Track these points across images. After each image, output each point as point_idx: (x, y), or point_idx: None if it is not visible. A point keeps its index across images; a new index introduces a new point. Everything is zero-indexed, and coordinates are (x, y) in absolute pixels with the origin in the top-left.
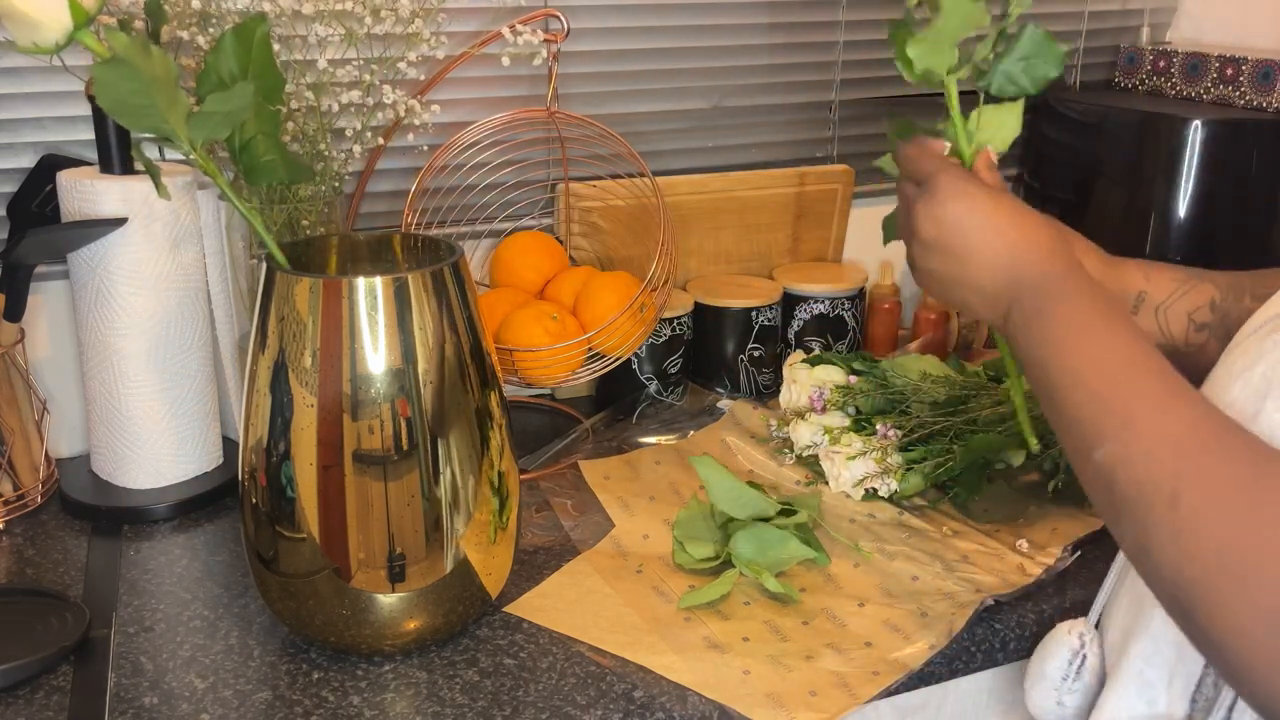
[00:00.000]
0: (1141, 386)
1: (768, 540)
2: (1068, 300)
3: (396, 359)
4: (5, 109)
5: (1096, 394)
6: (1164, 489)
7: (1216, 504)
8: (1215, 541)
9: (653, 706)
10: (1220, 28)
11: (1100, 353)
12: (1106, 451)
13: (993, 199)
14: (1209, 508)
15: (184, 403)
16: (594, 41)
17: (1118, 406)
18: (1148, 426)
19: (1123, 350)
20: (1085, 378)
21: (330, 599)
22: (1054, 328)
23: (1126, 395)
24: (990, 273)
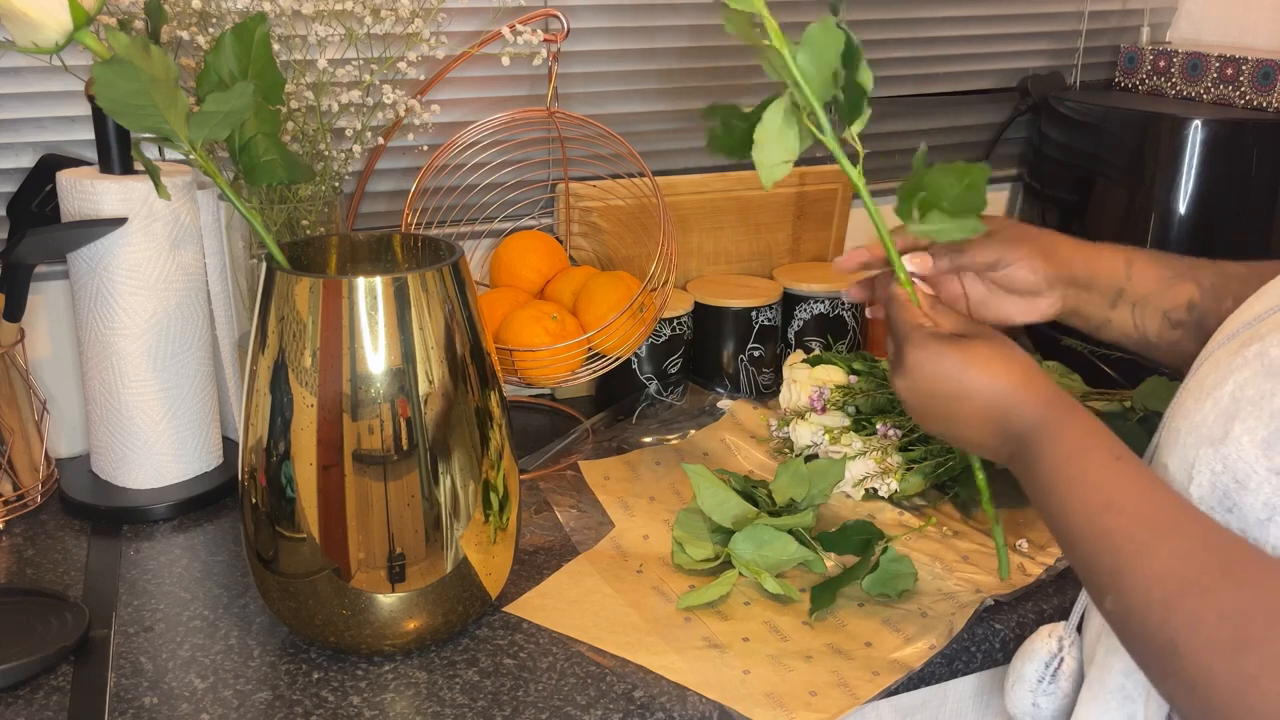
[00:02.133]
0: (1122, 531)
1: (767, 541)
2: (1056, 444)
3: (396, 359)
4: (5, 109)
5: (1086, 543)
6: (1162, 643)
7: (1214, 657)
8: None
9: (653, 706)
10: (1220, 28)
11: (1088, 495)
12: (1110, 602)
13: (964, 356)
14: (1208, 662)
15: (184, 403)
16: (594, 41)
17: (1107, 556)
18: (1136, 576)
19: (1098, 492)
20: (1073, 528)
21: (330, 599)
22: (1045, 474)
23: (1111, 542)
24: (980, 432)
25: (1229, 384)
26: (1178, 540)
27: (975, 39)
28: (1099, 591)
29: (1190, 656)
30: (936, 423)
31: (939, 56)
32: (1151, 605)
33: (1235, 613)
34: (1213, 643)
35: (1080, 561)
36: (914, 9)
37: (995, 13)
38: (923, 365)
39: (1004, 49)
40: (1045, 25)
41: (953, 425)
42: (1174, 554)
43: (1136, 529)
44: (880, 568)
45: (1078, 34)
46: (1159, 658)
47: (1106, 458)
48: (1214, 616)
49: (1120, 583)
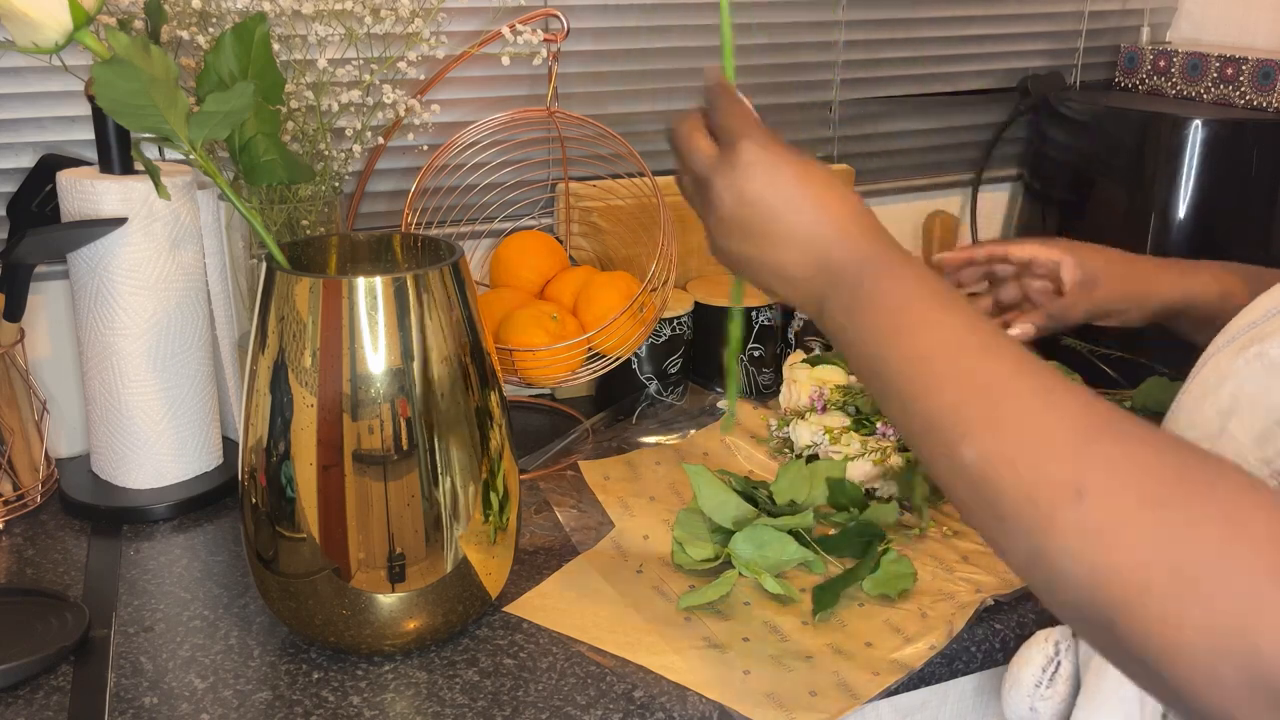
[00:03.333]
0: (1007, 372)
1: (767, 541)
2: (895, 282)
3: (396, 359)
4: (5, 109)
5: (952, 383)
6: (1063, 483)
7: (1135, 501)
8: (1139, 545)
9: (653, 707)
10: (1220, 28)
11: (947, 336)
12: (979, 448)
13: (801, 171)
14: (1127, 505)
15: (184, 403)
16: (594, 41)
17: (985, 396)
18: (1030, 416)
19: (974, 330)
20: (935, 366)
21: (330, 599)
22: (884, 315)
23: (993, 382)
24: (797, 256)
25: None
26: (1083, 391)
27: (975, 39)
28: (956, 439)
29: (1104, 502)
30: (748, 239)
31: (939, 56)
32: (1056, 449)
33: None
34: (1135, 484)
35: (931, 403)
36: (914, 9)
37: (995, 13)
38: (759, 166)
39: (1004, 49)
40: (1045, 25)
41: (766, 245)
42: (1077, 398)
43: (1031, 369)
44: (880, 568)
45: (1078, 34)
46: (1051, 506)
47: (974, 306)
48: (1132, 460)
49: (1003, 425)
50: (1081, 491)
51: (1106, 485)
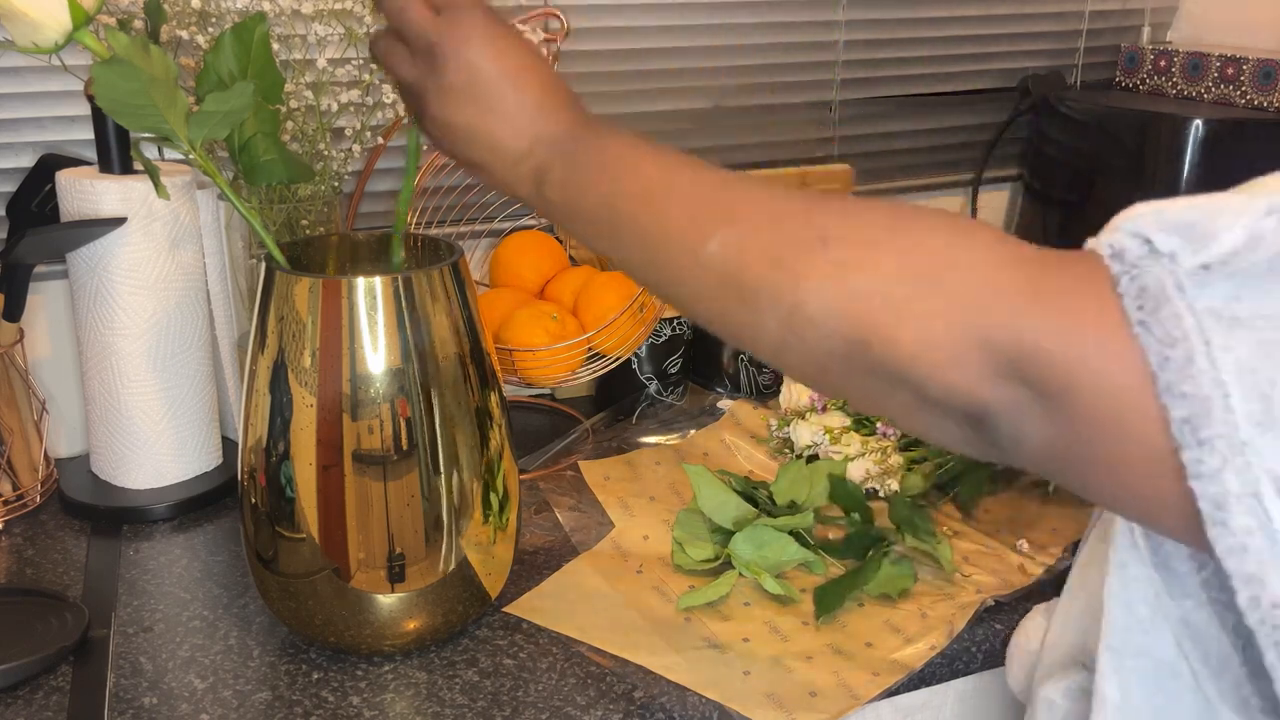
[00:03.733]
0: (730, 178)
1: (767, 541)
2: (610, 137)
3: (396, 359)
4: (5, 108)
5: (684, 197)
6: (806, 238)
7: (874, 233)
8: (886, 265)
9: (653, 707)
10: (1221, 27)
11: (667, 163)
12: (722, 238)
13: (522, 46)
14: (867, 238)
15: (183, 403)
16: (594, 41)
17: (717, 198)
18: (762, 201)
19: (686, 159)
20: (663, 189)
21: (330, 599)
22: (609, 164)
23: (721, 187)
24: (519, 126)
25: None
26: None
27: (975, 39)
28: (696, 241)
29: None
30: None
31: (939, 56)
32: (792, 214)
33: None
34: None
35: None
36: (914, 9)
37: (995, 12)
38: (488, 35)
39: (1004, 49)
40: (1046, 25)
41: (488, 115)
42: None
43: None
44: (880, 569)
45: (1078, 33)
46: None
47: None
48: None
49: (739, 215)
50: (825, 238)
51: (845, 227)
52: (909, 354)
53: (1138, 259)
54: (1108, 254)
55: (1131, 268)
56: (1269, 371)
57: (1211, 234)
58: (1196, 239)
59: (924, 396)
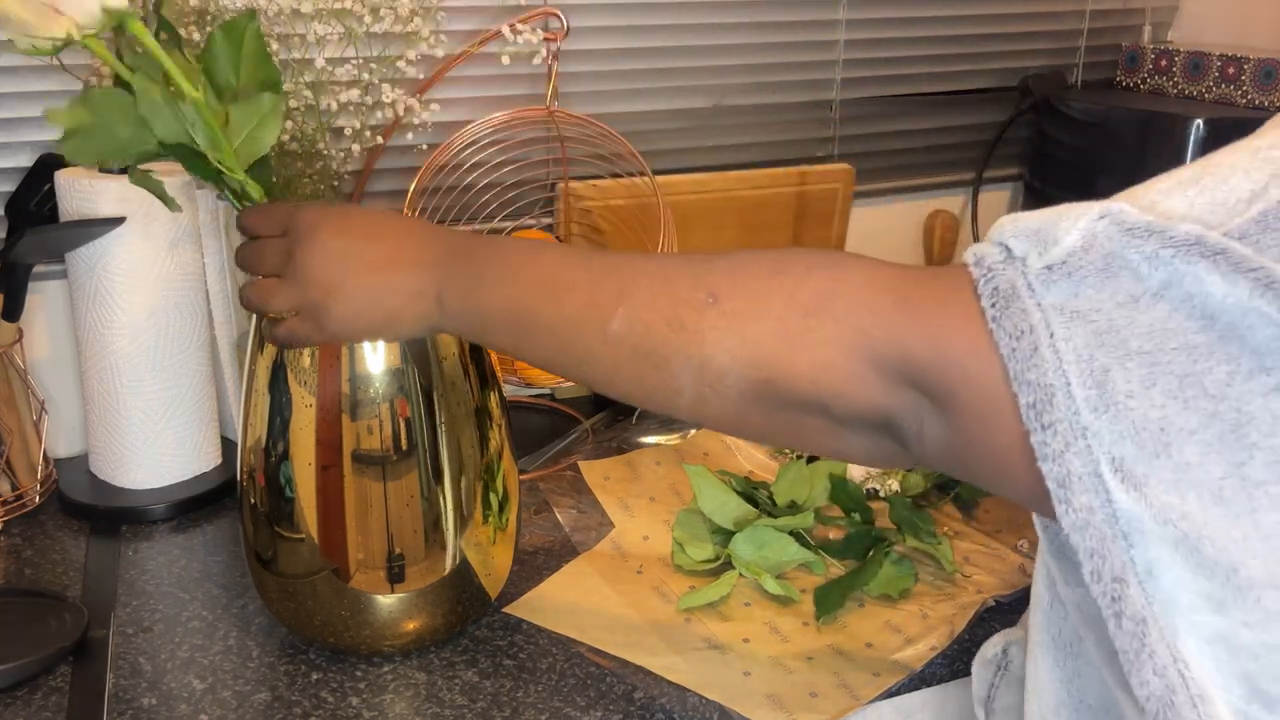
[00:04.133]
0: (619, 261)
1: (768, 542)
2: (492, 247)
3: (395, 359)
4: (4, 108)
5: (579, 287)
6: (699, 299)
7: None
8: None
9: (653, 708)
10: (1222, 27)
11: (557, 261)
12: (621, 315)
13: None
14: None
15: (182, 403)
16: (594, 40)
17: (609, 281)
18: (651, 274)
19: (573, 252)
20: (558, 284)
21: (329, 600)
22: (499, 268)
23: (611, 271)
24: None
25: None
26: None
27: (976, 38)
28: (598, 324)
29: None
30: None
31: (939, 56)
32: (681, 283)
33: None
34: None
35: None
36: (914, 9)
37: (996, 12)
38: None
39: (1005, 48)
40: (1046, 24)
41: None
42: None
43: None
44: (881, 569)
45: (1079, 33)
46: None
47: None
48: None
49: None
50: (715, 295)
51: (732, 282)
52: (810, 380)
53: (994, 264)
54: (971, 261)
55: (988, 271)
56: (1103, 359)
57: (1054, 238)
58: (1042, 243)
59: (833, 416)
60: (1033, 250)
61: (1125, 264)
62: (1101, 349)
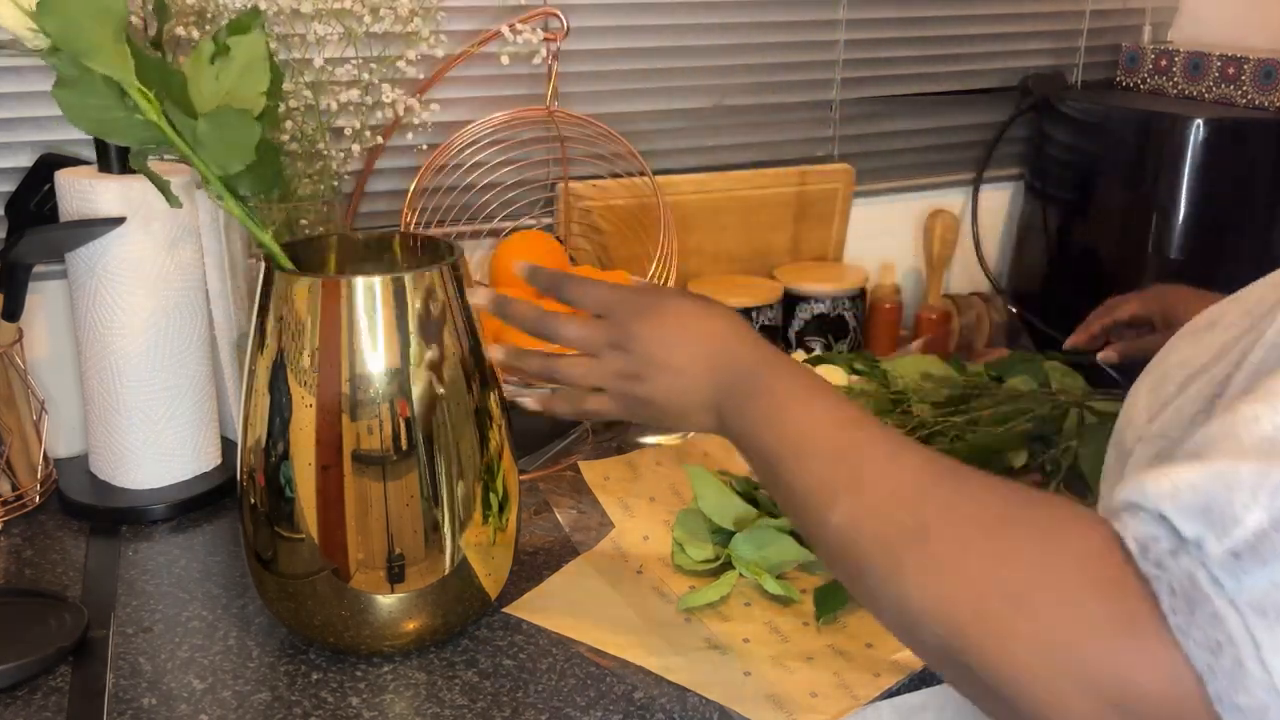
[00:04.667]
0: (864, 441)
1: (768, 542)
2: (773, 378)
3: (395, 359)
4: (4, 108)
5: (822, 456)
6: (910, 528)
7: (970, 532)
8: (978, 573)
9: (653, 708)
10: (1222, 27)
11: (816, 418)
12: (843, 510)
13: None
14: (964, 537)
15: (182, 403)
16: (594, 40)
17: (847, 463)
18: (882, 474)
19: (836, 412)
20: (806, 445)
21: (329, 600)
22: (766, 405)
23: (852, 450)
24: (694, 379)
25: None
26: (927, 450)
27: (976, 38)
28: (827, 505)
29: (944, 536)
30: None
31: (940, 56)
32: (903, 498)
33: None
34: (971, 519)
35: (806, 477)
36: (915, 9)
37: (996, 12)
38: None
39: (1005, 48)
40: (1046, 24)
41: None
42: (921, 455)
43: (877, 439)
44: None
45: (1079, 33)
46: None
47: (838, 392)
48: (969, 499)
49: (861, 485)
50: (925, 530)
51: (945, 521)
52: (1004, 676)
53: (1162, 556)
54: (1135, 551)
55: (1157, 566)
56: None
57: (1233, 517)
58: (1218, 523)
59: (1018, 712)
60: (1207, 533)
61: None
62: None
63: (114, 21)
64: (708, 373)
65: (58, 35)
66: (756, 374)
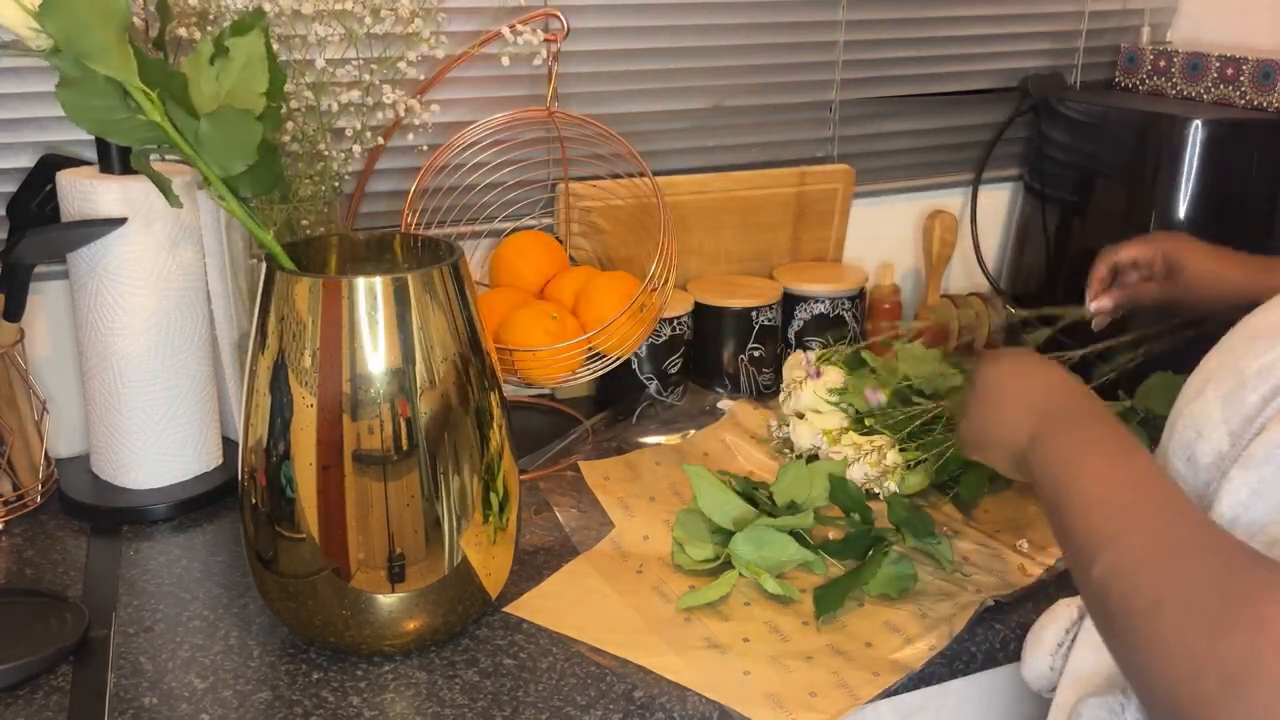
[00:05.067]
0: (1140, 501)
1: (767, 541)
2: (1082, 426)
3: (396, 359)
4: (5, 109)
5: (1098, 507)
6: (1148, 597)
7: (1195, 611)
8: (1198, 650)
9: (653, 707)
10: (1221, 27)
11: (1104, 470)
12: (1103, 563)
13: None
14: (1189, 615)
15: (183, 403)
16: (594, 41)
17: (1115, 519)
18: (1141, 537)
19: (1125, 468)
20: (1089, 493)
21: (330, 599)
22: (1066, 448)
23: (1125, 508)
24: (1014, 416)
25: (1215, 355)
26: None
27: (975, 39)
28: (1092, 555)
29: (1160, 594)
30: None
31: (939, 56)
32: (1152, 567)
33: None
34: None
35: (1080, 523)
36: (915, 9)
37: (995, 12)
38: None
39: (1004, 49)
40: (1045, 25)
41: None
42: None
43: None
44: (881, 568)
45: (1078, 34)
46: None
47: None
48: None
49: (1120, 543)
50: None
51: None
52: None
53: None
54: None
55: None
56: None
57: None
58: None
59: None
60: None
61: None
62: None
63: (116, 22)
64: (1024, 421)
65: (60, 36)
66: (1064, 418)
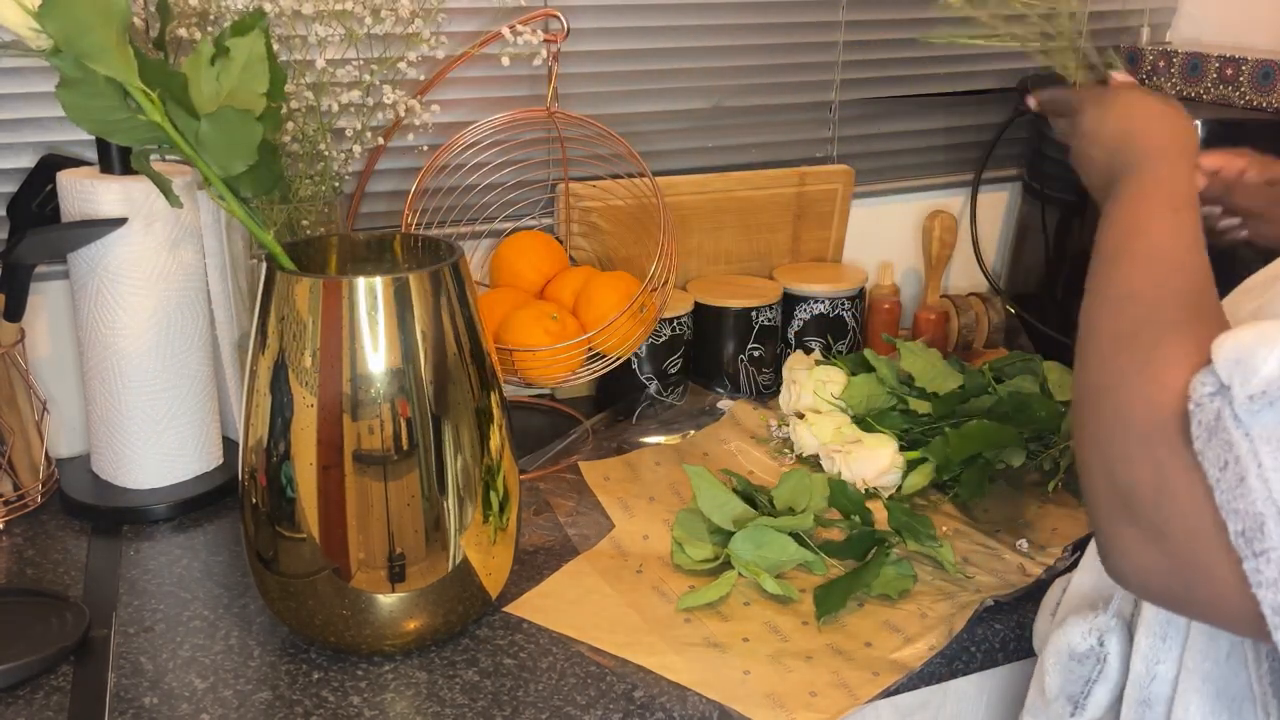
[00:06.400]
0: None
1: (767, 541)
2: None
3: (396, 359)
4: (5, 109)
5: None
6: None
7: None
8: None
9: (653, 707)
10: (1220, 28)
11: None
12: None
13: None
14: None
15: (184, 402)
16: (594, 41)
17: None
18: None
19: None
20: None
21: (330, 599)
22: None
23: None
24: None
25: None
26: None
27: None
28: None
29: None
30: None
31: (939, 57)
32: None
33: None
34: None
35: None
36: (915, 9)
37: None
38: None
39: (1004, 49)
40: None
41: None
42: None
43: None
44: (881, 569)
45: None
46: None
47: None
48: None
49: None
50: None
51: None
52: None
53: (1203, 397)
54: (1190, 391)
55: (1197, 406)
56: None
57: (1254, 367)
58: (1244, 372)
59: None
60: (1236, 379)
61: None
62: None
63: (116, 22)
64: (1111, 137)
65: (60, 36)
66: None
